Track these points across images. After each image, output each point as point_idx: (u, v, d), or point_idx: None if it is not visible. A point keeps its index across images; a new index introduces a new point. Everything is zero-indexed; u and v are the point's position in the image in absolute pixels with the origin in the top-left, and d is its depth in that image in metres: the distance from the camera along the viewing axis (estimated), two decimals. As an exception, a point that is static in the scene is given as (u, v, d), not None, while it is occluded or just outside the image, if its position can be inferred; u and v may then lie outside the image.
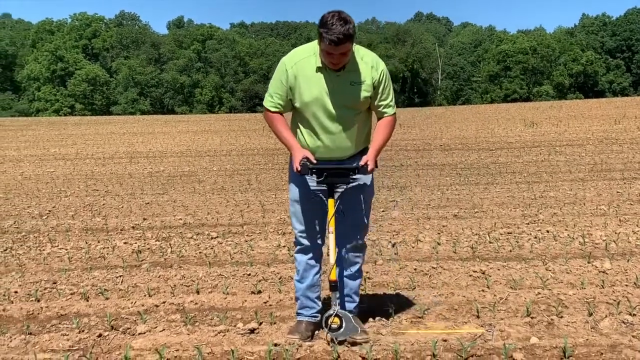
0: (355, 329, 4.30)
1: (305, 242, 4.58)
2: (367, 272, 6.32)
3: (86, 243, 8.27)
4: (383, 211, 9.94)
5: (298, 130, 4.44)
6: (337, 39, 3.96)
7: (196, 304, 5.52)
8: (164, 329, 4.86)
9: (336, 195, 4.34)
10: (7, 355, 4.37)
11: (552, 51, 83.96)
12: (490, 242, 7.60)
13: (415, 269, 6.46)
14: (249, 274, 6.42)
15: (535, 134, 24.35)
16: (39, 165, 19.00)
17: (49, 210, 10.96)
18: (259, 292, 5.84)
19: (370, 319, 4.92)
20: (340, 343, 4.26)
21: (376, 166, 4.50)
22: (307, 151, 4.33)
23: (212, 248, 7.78)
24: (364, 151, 4.46)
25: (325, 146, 4.35)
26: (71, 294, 6.01)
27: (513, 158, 17.19)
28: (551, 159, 16.70)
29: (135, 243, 8.18)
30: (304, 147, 4.39)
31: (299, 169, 4.26)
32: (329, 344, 4.27)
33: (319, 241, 4.61)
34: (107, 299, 5.81)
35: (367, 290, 5.76)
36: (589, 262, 6.56)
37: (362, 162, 4.31)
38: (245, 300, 5.53)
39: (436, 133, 26.69)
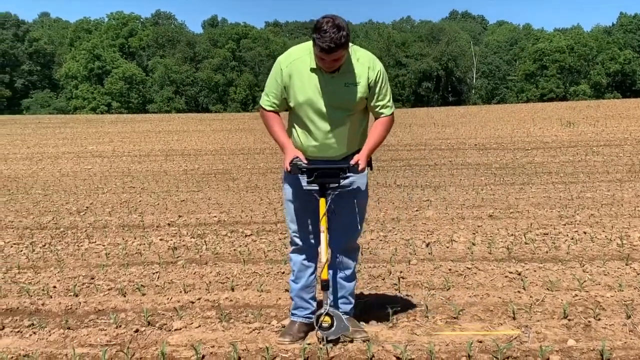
0: (347, 328, 4.30)
1: (300, 242, 4.57)
2: (400, 272, 6.33)
3: (123, 239, 8.39)
4: (417, 210, 9.90)
5: (293, 128, 4.44)
6: (328, 47, 3.94)
7: (231, 300, 5.56)
8: (199, 325, 4.92)
9: (328, 196, 4.31)
10: (47, 350, 4.46)
11: (590, 50, 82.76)
12: (526, 243, 7.53)
13: (449, 269, 6.43)
14: (283, 272, 6.44)
15: (572, 134, 24.03)
16: (76, 162, 19.29)
17: (87, 207, 11.13)
18: (293, 290, 5.86)
19: (405, 319, 4.91)
20: (332, 342, 4.27)
21: (371, 167, 4.48)
22: (298, 151, 4.33)
23: (246, 246, 7.83)
24: (359, 152, 4.41)
25: (318, 146, 4.33)
26: (109, 289, 6.11)
27: (549, 158, 16.98)
28: (588, 159, 16.46)
29: (171, 240, 8.27)
30: (298, 145, 4.40)
31: (289, 169, 4.27)
32: (320, 342, 4.27)
33: (313, 241, 4.57)
34: (143, 294, 5.89)
35: (401, 289, 5.75)
36: (627, 264, 6.46)
37: (352, 162, 4.29)
38: (280, 298, 5.55)
39: (471, 132, 26.48)
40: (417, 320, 4.88)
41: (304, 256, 4.60)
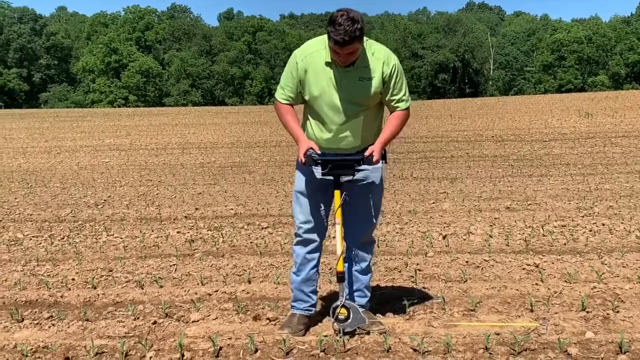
0: (363, 320, 4.30)
1: (305, 234, 4.54)
2: (417, 264, 6.31)
3: (140, 232, 8.43)
4: (434, 203, 9.87)
5: (307, 121, 4.44)
6: (342, 40, 3.93)
7: (248, 293, 5.58)
8: (216, 317, 4.94)
9: (343, 187, 4.29)
10: (65, 341, 4.49)
11: (608, 40, 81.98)
12: (544, 235, 7.48)
13: (466, 262, 6.40)
14: (300, 264, 6.43)
15: (590, 125, 23.82)
16: (94, 155, 19.40)
17: (105, 200, 11.20)
18: (310, 282, 5.85)
19: (421, 311, 4.91)
20: (348, 334, 4.27)
21: (385, 160, 4.46)
22: (312, 142, 4.33)
23: (262, 238, 7.85)
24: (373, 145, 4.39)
25: (331, 139, 4.33)
26: (126, 281, 6.14)
27: (567, 149, 16.86)
28: (607, 150, 16.32)
29: (188, 232, 8.31)
30: (311, 137, 4.40)
31: (304, 160, 4.26)
32: (336, 335, 4.27)
33: (319, 236, 4.56)
34: (161, 287, 5.92)
35: (417, 282, 5.74)
36: (646, 257, 6.41)
37: (367, 153, 4.27)
38: (296, 290, 5.55)
39: (488, 124, 26.34)
40: (434, 313, 4.87)
41: (307, 249, 4.58)
